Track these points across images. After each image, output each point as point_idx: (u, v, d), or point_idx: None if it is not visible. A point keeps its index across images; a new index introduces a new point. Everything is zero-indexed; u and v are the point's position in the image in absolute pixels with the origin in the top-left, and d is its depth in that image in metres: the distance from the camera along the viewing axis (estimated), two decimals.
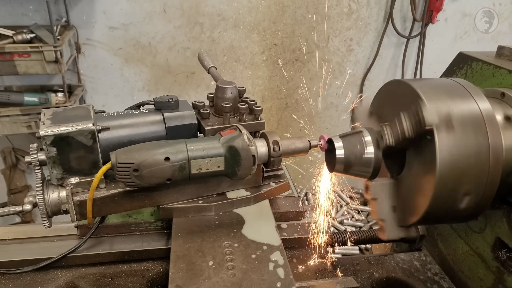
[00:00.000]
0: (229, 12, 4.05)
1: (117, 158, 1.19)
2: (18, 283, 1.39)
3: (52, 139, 1.22)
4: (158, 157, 1.21)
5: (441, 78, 1.39)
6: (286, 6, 4.14)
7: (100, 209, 1.33)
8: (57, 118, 1.28)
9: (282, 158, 1.38)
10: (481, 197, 1.12)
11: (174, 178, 1.25)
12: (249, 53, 4.28)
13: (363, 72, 4.62)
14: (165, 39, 4.03)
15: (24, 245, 1.51)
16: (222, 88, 1.53)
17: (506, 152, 1.12)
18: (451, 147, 1.08)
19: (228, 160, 1.30)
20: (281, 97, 4.57)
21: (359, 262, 1.68)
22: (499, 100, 1.34)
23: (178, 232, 1.39)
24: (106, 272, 1.45)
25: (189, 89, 4.31)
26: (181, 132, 1.46)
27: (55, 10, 3.63)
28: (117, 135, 1.39)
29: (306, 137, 1.41)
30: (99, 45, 3.94)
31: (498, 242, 1.41)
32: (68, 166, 1.27)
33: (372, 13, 4.34)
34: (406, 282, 1.61)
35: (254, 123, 1.53)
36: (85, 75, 4.02)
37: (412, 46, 4.56)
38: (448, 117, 1.09)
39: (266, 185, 1.59)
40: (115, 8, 3.82)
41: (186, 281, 1.17)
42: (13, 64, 3.25)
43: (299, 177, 3.52)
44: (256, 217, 1.48)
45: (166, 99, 1.47)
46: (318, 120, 4.73)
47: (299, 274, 1.48)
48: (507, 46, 1.53)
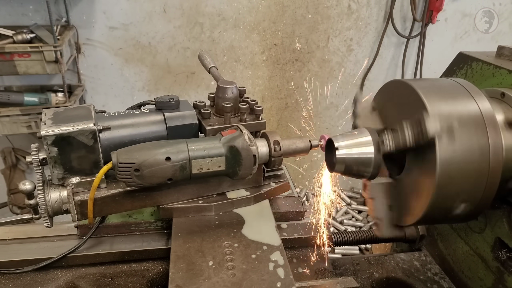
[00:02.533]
0: (229, 12, 4.05)
1: (118, 158, 1.19)
2: (18, 283, 1.39)
3: (53, 139, 1.22)
4: (159, 157, 1.21)
5: (441, 78, 1.39)
6: (286, 6, 4.14)
7: (101, 209, 1.33)
8: (58, 118, 1.28)
9: (283, 158, 1.38)
10: (484, 191, 1.13)
11: (175, 178, 1.25)
12: (249, 53, 4.28)
13: (363, 72, 4.62)
14: (165, 39, 4.03)
15: (24, 245, 1.51)
16: (223, 88, 1.53)
17: (506, 152, 1.12)
18: (451, 155, 1.08)
19: (229, 160, 1.30)
20: (281, 97, 4.57)
21: (359, 262, 1.69)
22: (499, 100, 1.35)
23: (178, 232, 1.39)
24: (106, 272, 1.45)
25: (189, 89, 4.31)
26: (182, 132, 1.46)
27: (55, 10, 3.63)
28: (118, 135, 1.39)
29: (307, 137, 1.42)
30: (99, 45, 3.93)
31: (498, 242, 1.41)
32: (69, 166, 1.27)
33: (372, 13, 4.34)
34: (406, 282, 1.61)
35: (255, 123, 1.53)
36: (85, 75, 4.02)
37: (412, 46, 4.56)
38: (451, 127, 1.09)
39: (266, 185, 1.59)
40: (115, 8, 3.82)
41: (186, 281, 1.17)
42: (13, 64, 3.25)
43: (299, 177, 3.53)
44: (256, 217, 1.48)
45: (167, 99, 1.47)
46: (318, 120, 4.73)
47: (299, 274, 1.48)
48: (507, 46, 1.54)
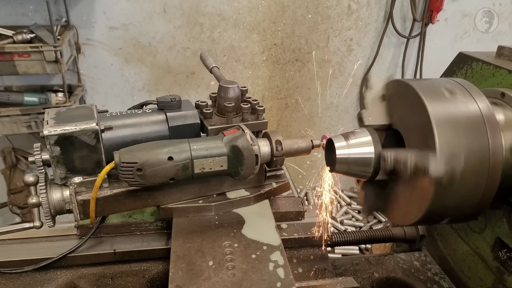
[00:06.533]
0: (229, 12, 4.05)
1: (121, 157, 1.20)
2: (18, 283, 1.39)
3: (56, 138, 1.22)
4: (162, 157, 1.21)
5: (441, 78, 1.39)
6: (286, 6, 4.14)
7: (103, 208, 1.33)
8: (60, 117, 1.28)
9: (284, 158, 1.38)
10: (484, 191, 1.12)
11: (177, 177, 1.25)
12: (249, 53, 4.28)
13: (363, 72, 4.63)
14: (165, 39, 4.03)
15: (24, 245, 1.51)
16: (224, 88, 1.54)
17: (506, 152, 1.12)
18: (451, 146, 1.07)
19: (231, 160, 1.30)
20: (281, 97, 4.57)
21: (359, 262, 1.69)
22: (499, 100, 1.35)
23: (178, 232, 1.39)
24: (106, 272, 1.45)
25: (189, 89, 4.31)
26: (184, 132, 1.46)
27: (55, 10, 3.62)
28: (120, 135, 1.39)
29: (308, 137, 1.42)
30: (99, 45, 3.93)
31: (498, 242, 1.41)
32: (71, 165, 1.27)
33: (372, 13, 4.34)
34: (406, 282, 1.62)
35: (257, 123, 1.53)
36: (85, 75, 4.01)
37: (412, 46, 4.57)
38: (454, 169, 1.07)
39: (266, 185, 1.59)
40: (115, 8, 3.81)
41: (186, 281, 1.17)
42: (13, 64, 3.24)
43: (299, 177, 3.53)
44: (256, 217, 1.48)
45: (169, 99, 1.47)
46: (318, 120, 4.74)
47: (299, 274, 1.48)
48: (507, 46, 1.54)
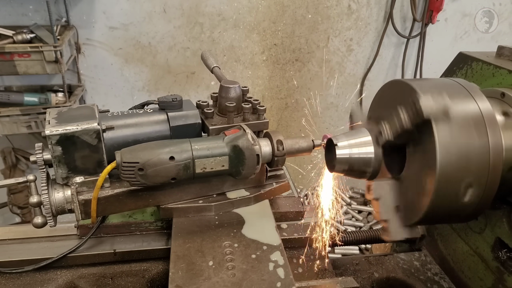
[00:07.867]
0: (229, 12, 4.05)
1: (122, 157, 1.20)
2: (18, 283, 1.39)
3: (57, 138, 1.22)
4: (163, 157, 1.21)
5: (441, 78, 1.39)
6: (286, 6, 4.14)
7: (104, 208, 1.33)
8: (62, 117, 1.28)
9: (285, 158, 1.38)
10: (484, 190, 1.11)
11: (178, 177, 1.25)
12: (249, 53, 4.28)
13: (363, 72, 4.63)
14: (165, 39, 4.03)
15: (24, 245, 1.51)
16: (226, 87, 1.54)
17: (506, 152, 1.13)
18: (450, 140, 1.07)
19: (232, 160, 1.30)
20: (281, 97, 4.58)
21: (359, 262, 1.69)
22: (499, 100, 1.35)
23: (178, 232, 1.39)
24: (106, 272, 1.45)
25: (189, 89, 4.31)
26: (185, 132, 1.47)
27: (55, 10, 3.63)
28: (122, 135, 1.39)
29: (309, 137, 1.42)
30: (99, 45, 3.93)
31: (498, 242, 1.41)
32: (73, 165, 1.28)
33: (372, 13, 4.34)
34: (406, 282, 1.62)
35: (258, 123, 1.54)
36: (85, 75, 4.02)
37: (412, 46, 4.57)
38: (445, 107, 1.07)
39: (266, 185, 1.59)
40: (115, 8, 3.81)
41: (186, 281, 1.17)
42: (13, 64, 3.24)
43: (299, 177, 3.53)
44: (256, 217, 1.48)
45: (170, 99, 1.47)
46: (318, 120, 4.74)
47: (299, 274, 1.49)
48: (507, 46, 1.54)
